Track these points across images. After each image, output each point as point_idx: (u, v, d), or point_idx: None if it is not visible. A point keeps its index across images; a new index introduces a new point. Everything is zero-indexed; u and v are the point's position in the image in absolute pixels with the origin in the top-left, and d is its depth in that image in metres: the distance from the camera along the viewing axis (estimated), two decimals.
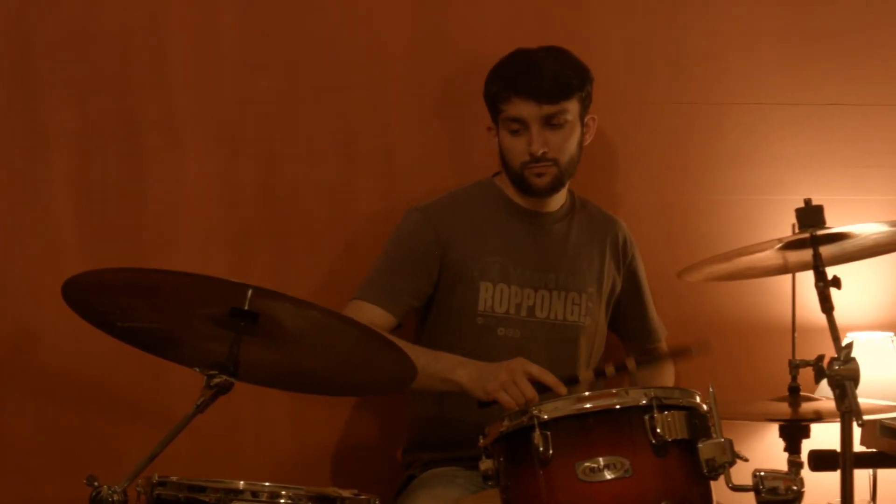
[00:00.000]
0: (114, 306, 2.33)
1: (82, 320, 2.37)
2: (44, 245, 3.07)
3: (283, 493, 2.25)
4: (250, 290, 2.19)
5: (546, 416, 2.23)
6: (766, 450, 3.08)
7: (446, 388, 2.73)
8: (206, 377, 2.26)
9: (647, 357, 3.00)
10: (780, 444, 2.66)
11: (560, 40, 2.94)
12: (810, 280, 2.47)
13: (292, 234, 3.14)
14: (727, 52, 3.24)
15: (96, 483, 2.17)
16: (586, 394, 2.34)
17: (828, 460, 2.58)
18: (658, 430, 2.21)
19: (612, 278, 3.03)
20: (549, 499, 2.22)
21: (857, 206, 3.20)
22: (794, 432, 2.64)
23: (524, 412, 2.26)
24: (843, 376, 2.26)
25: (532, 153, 2.85)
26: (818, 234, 2.46)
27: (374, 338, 2.32)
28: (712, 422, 2.26)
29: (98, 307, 2.35)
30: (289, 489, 2.26)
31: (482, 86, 2.92)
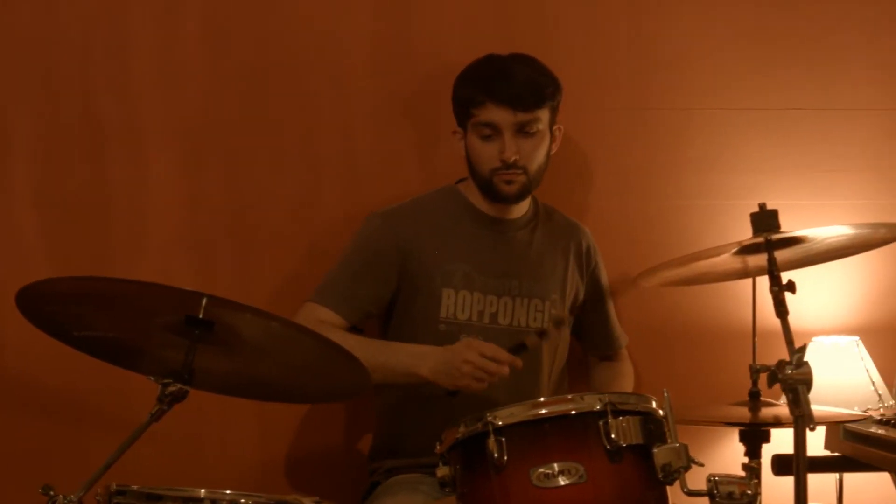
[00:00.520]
0: (69, 315, 2.33)
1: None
2: (6, 253, 3.06)
3: (244, 500, 2.24)
4: (205, 299, 2.19)
5: (500, 422, 2.24)
6: (728, 455, 3.08)
7: (410, 382, 2.76)
8: (160, 385, 2.26)
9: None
10: (742, 449, 2.66)
11: (523, 47, 2.95)
12: None
13: (256, 240, 3.14)
14: (690, 58, 3.24)
15: (52, 492, 2.16)
16: (542, 399, 2.35)
17: (790, 465, 2.58)
18: (612, 436, 2.21)
19: (576, 285, 3.03)
20: None
21: (821, 210, 3.21)
22: (754, 437, 2.65)
23: (479, 418, 2.26)
24: (796, 380, 2.27)
25: (504, 160, 2.84)
26: (772, 238, 2.46)
27: (331, 347, 2.31)
28: (667, 427, 2.27)
29: (54, 316, 2.34)
30: (249, 497, 2.25)
31: (445, 91, 2.92)
